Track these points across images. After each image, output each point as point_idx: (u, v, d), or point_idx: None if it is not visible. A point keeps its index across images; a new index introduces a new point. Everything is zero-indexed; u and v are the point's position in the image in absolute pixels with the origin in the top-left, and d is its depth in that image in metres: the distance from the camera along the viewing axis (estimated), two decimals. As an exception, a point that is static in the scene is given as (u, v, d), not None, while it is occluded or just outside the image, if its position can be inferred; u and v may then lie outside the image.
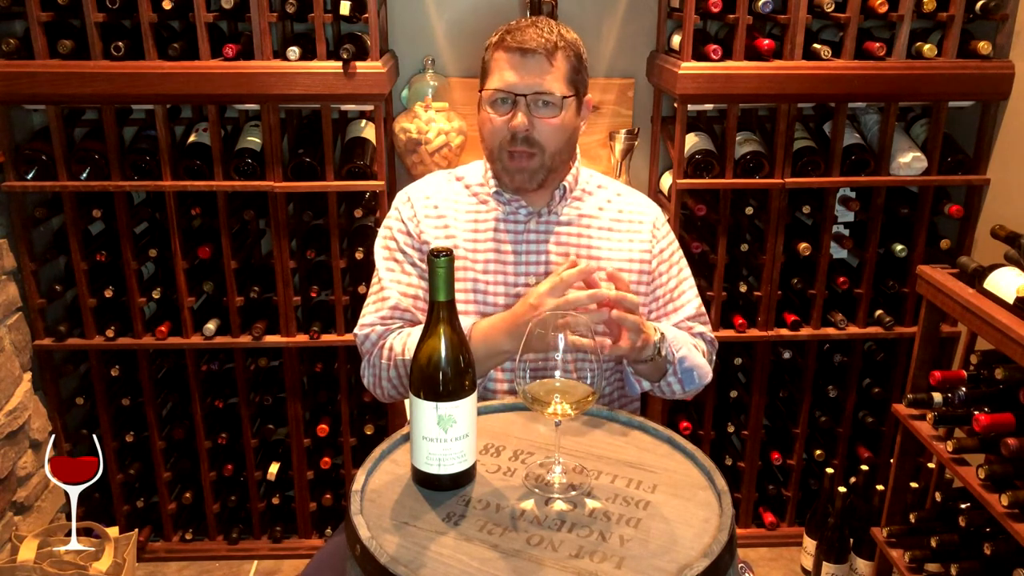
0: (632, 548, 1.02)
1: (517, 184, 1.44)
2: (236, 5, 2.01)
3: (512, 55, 1.39)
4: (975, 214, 2.23)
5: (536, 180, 1.44)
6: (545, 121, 1.40)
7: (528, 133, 1.39)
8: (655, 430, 1.28)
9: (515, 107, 1.39)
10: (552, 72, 1.39)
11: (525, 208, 1.49)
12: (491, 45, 1.44)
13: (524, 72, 1.38)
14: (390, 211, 1.56)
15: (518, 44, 1.38)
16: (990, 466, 1.59)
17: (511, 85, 1.39)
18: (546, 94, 1.39)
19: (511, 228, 1.49)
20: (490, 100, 1.41)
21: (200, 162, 2.14)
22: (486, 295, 1.47)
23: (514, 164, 1.42)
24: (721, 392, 2.45)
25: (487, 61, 1.44)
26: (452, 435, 1.09)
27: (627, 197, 1.56)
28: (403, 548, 1.01)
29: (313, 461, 2.43)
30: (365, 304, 1.52)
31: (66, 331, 2.24)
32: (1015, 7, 2.09)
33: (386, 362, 1.44)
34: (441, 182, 1.56)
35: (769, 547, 2.52)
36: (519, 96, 1.38)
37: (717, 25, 2.33)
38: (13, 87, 2.03)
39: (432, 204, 1.52)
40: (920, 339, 1.92)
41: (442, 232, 1.49)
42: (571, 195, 1.51)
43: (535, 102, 1.39)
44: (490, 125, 1.42)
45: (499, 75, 1.40)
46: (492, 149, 1.44)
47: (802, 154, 2.20)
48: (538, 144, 1.40)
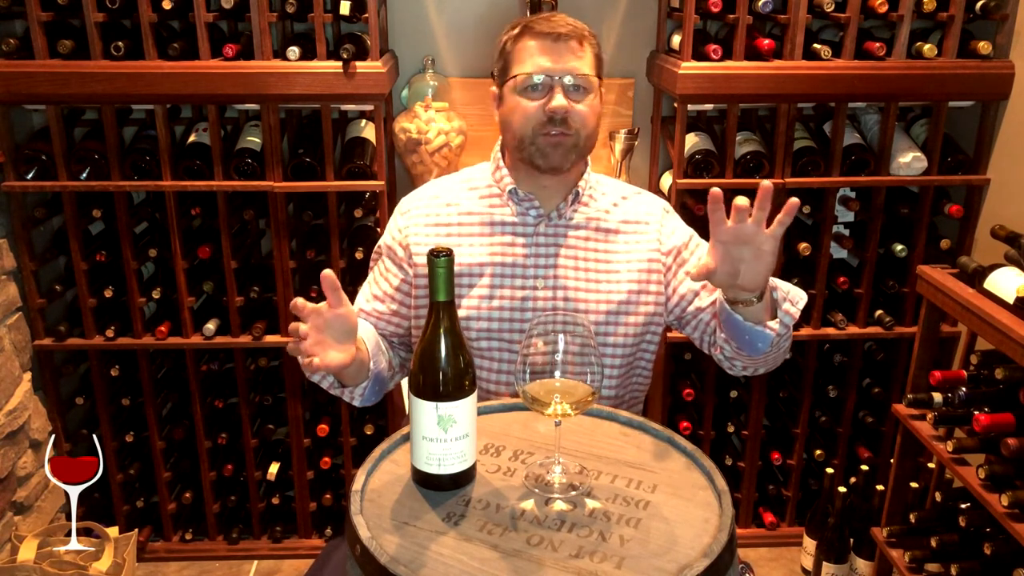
0: (632, 548, 1.02)
1: (553, 162, 1.42)
2: (236, 5, 2.01)
3: (543, 40, 1.39)
4: (975, 214, 2.23)
5: (570, 159, 1.43)
6: (580, 104, 1.40)
7: (565, 115, 1.39)
8: (655, 430, 1.28)
9: (551, 91, 1.39)
10: (584, 56, 1.41)
11: (537, 209, 1.48)
12: (512, 37, 1.44)
13: (558, 55, 1.39)
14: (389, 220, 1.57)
15: (550, 29, 1.39)
16: (990, 466, 1.59)
17: (546, 69, 1.39)
18: (581, 76, 1.39)
19: (520, 232, 1.48)
20: (522, 86, 1.41)
21: (200, 162, 2.14)
22: (491, 299, 1.46)
23: (550, 140, 1.40)
24: (721, 392, 2.45)
25: (510, 52, 1.44)
26: (452, 435, 1.09)
27: (633, 199, 1.55)
28: (403, 548, 1.01)
29: (313, 461, 2.43)
30: None
31: (66, 331, 2.24)
32: (1015, 7, 2.09)
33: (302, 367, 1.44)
34: (446, 187, 1.55)
35: (769, 547, 2.52)
36: (555, 79, 1.38)
37: (717, 25, 2.33)
38: (13, 87, 2.03)
39: (435, 211, 1.51)
40: (920, 339, 1.92)
41: (445, 240, 1.49)
42: (581, 199, 1.51)
43: (570, 86, 1.39)
44: (522, 111, 1.41)
45: (531, 61, 1.40)
46: (524, 136, 1.42)
47: (802, 154, 2.20)
48: (574, 127, 1.40)
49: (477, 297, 1.46)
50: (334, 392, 1.42)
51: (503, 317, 1.46)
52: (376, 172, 2.18)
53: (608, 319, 1.46)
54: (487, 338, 1.46)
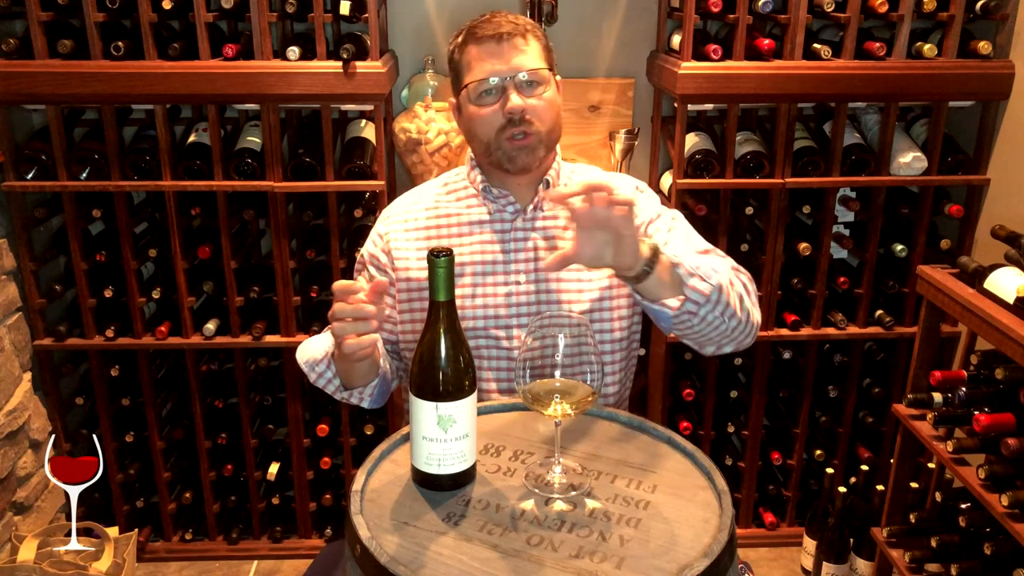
0: (632, 548, 1.02)
1: (521, 164, 1.43)
2: (236, 5, 2.01)
3: (487, 44, 1.40)
4: (975, 214, 2.23)
5: (537, 156, 1.44)
6: (536, 99, 1.41)
7: (523, 114, 1.39)
8: (655, 430, 1.28)
9: (504, 93, 1.39)
10: (530, 51, 1.41)
11: (513, 205, 1.49)
12: (458, 45, 1.45)
13: (505, 56, 1.39)
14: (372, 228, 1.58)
15: (492, 31, 1.40)
16: (990, 466, 1.59)
17: (496, 71, 1.39)
18: (531, 71, 1.40)
19: (499, 228, 1.49)
20: (476, 94, 1.41)
21: (200, 162, 2.14)
22: (474, 297, 1.47)
23: (515, 144, 1.41)
24: (721, 392, 2.45)
25: (458, 61, 1.45)
26: (452, 435, 1.09)
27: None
28: (403, 548, 1.01)
29: (313, 461, 2.43)
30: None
31: (66, 331, 2.24)
32: (1015, 7, 2.09)
33: (307, 370, 1.44)
34: (425, 192, 1.57)
35: (769, 547, 2.52)
36: (506, 80, 1.39)
37: (717, 25, 2.33)
38: (13, 87, 2.02)
39: (413, 216, 1.53)
40: (920, 339, 1.92)
41: (424, 244, 1.49)
42: (554, 188, 1.51)
43: (523, 83, 1.39)
44: (481, 118, 1.42)
45: (480, 67, 1.40)
46: (488, 141, 1.43)
47: (802, 154, 2.20)
48: (534, 124, 1.41)
49: (460, 297, 1.46)
50: (340, 396, 1.44)
51: (487, 315, 1.46)
52: (376, 172, 2.18)
53: (595, 306, 1.46)
54: (473, 337, 1.47)
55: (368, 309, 1.19)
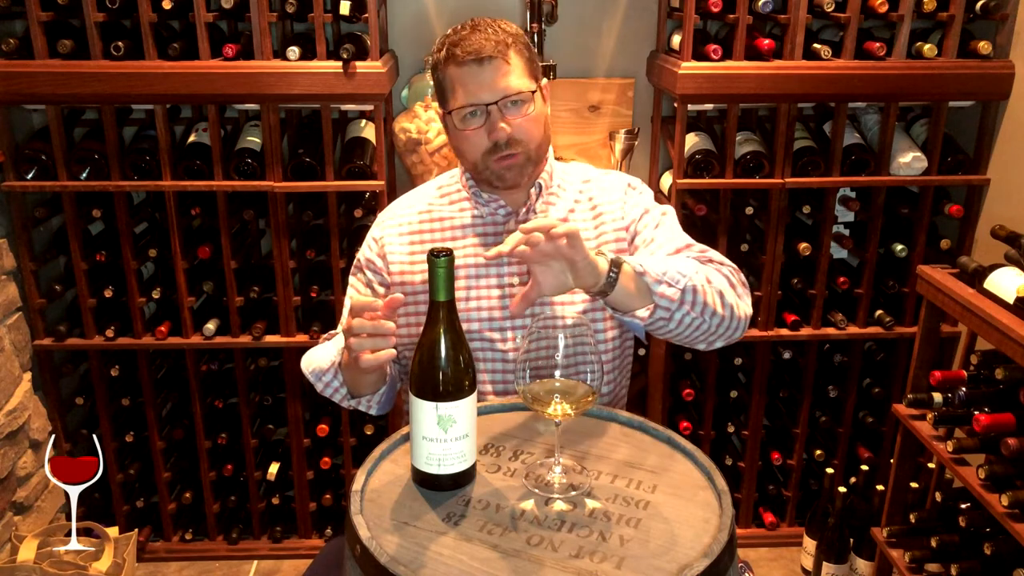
0: (632, 548, 1.02)
1: (510, 182, 1.43)
2: (236, 5, 2.01)
3: (468, 67, 1.37)
4: (975, 214, 2.23)
5: (526, 173, 1.44)
6: (521, 119, 1.40)
7: (509, 137, 1.39)
8: (655, 430, 1.28)
9: (488, 116, 1.38)
10: (512, 71, 1.38)
11: (504, 208, 1.49)
12: (440, 62, 1.41)
13: (486, 80, 1.37)
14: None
15: (472, 54, 1.36)
16: (990, 466, 1.59)
17: (479, 97, 1.38)
18: (515, 94, 1.38)
19: (491, 231, 1.49)
20: (460, 118, 1.41)
21: (200, 162, 2.14)
22: (468, 300, 1.47)
23: (502, 165, 1.41)
24: (721, 392, 2.45)
25: (442, 80, 1.43)
26: (452, 435, 1.09)
27: (596, 182, 1.55)
28: (403, 548, 1.01)
29: (313, 461, 2.43)
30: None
31: (66, 331, 2.24)
32: (1015, 7, 2.09)
33: (314, 380, 1.44)
34: (419, 196, 1.57)
35: (769, 547, 2.52)
36: (490, 105, 1.38)
37: (717, 25, 2.33)
38: (13, 87, 2.03)
39: (407, 220, 1.53)
40: (920, 339, 1.92)
41: (419, 247, 1.49)
42: (547, 192, 1.51)
43: (506, 105, 1.38)
44: (467, 140, 1.42)
45: (463, 91, 1.39)
46: (475, 161, 1.43)
47: (802, 154, 2.20)
48: (520, 143, 1.40)
49: None
50: (347, 404, 1.44)
51: (482, 317, 1.46)
52: (376, 172, 2.18)
53: (587, 306, 1.46)
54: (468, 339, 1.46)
55: (387, 326, 1.19)
